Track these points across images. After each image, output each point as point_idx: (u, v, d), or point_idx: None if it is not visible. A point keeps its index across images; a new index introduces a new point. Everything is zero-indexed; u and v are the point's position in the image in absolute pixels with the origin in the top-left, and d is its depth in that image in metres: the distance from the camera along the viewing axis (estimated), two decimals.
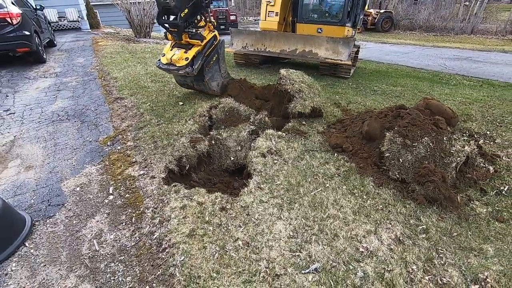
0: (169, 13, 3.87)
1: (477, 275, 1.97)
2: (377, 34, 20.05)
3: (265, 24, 7.62)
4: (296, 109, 3.93)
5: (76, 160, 3.46)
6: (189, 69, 4.00)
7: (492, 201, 2.70)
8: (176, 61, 3.98)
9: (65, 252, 2.27)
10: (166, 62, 4.07)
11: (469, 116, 4.54)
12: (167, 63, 4.06)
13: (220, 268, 2.00)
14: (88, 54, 9.12)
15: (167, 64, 4.06)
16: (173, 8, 3.61)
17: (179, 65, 3.97)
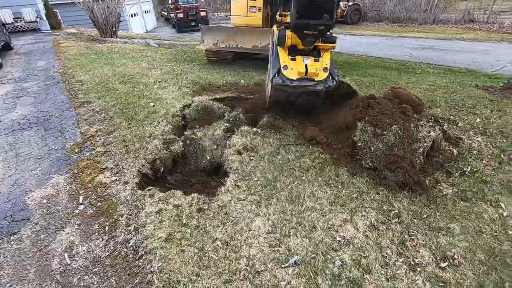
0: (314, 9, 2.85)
1: (446, 253, 2.09)
2: (346, 26, 20.49)
3: (247, 20, 7.47)
4: None
5: (41, 170, 3.25)
6: (331, 84, 3.11)
7: (457, 182, 2.86)
8: (314, 75, 3.04)
9: (33, 269, 2.14)
10: (298, 77, 3.05)
11: (433, 102, 4.77)
12: (300, 78, 3.06)
13: (200, 270, 1.97)
14: (49, 56, 8.59)
15: (299, 79, 3.06)
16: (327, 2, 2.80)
17: (319, 79, 3.04)
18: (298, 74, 3.03)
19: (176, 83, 5.67)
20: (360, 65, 8.24)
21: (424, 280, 1.90)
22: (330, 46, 3.21)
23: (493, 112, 4.21)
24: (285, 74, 3.04)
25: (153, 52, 9.12)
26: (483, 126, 3.80)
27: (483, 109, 4.34)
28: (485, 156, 3.21)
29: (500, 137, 3.55)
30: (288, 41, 3.10)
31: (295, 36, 3.05)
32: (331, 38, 3.17)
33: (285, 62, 3.07)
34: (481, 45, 11.69)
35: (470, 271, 1.97)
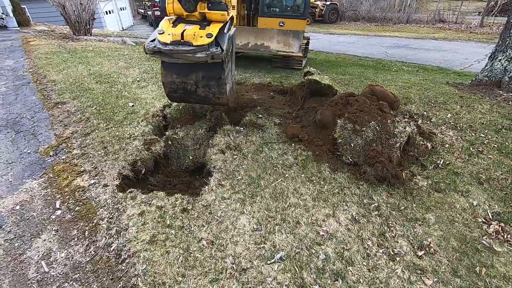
0: None
1: (422, 242, 2.20)
2: (325, 26, 20.88)
3: None
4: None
5: (13, 175, 3.09)
6: (216, 50, 2.50)
7: (431, 174, 3.01)
8: (192, 38, 2.48)
9: (8, 279, 2.04)
10: (173, 40, 2.50)
11: (408, 99, 4.97)
12: (175, 42, 2.50)
13: (186, 271, 1.95)
14: (18, 55, 8.12)
15: (174, 43, 2.49)
16: None
17: (198, 43, 2.47)
18: (173, 37, 2.50)
19: (155, 82, 5.55)
20: (339, 63, 8.43)
21: (403, 269, 1.99)
22: (219, 14, 2.63)
23: (463, 108, 4.46)
24: (159, 38, 2.55)
25: (130, 50, 8.87)
26: (454, 121, 4.02)
27: (454, 105, 4.58)
28: (456, 149, 3.40)
29: (469, 131, 3.77)
30: (169, 7, 2.64)
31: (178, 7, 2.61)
32: (220, 6, 2.64)
33: (163, 28, 2.61)
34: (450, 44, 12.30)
35: (445, 258, 2.08)
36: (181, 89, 2.94)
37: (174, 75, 2.86)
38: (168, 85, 2.94)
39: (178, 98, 3.15)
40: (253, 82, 5.72)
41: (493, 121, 4.00)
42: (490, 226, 2.38)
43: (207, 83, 2.85)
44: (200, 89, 2.90)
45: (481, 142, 3.53)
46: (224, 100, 3.04)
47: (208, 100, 3.05)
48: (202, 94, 2.95)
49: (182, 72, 2.82)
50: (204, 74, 2.81)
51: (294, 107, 4.27)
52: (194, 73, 2.81)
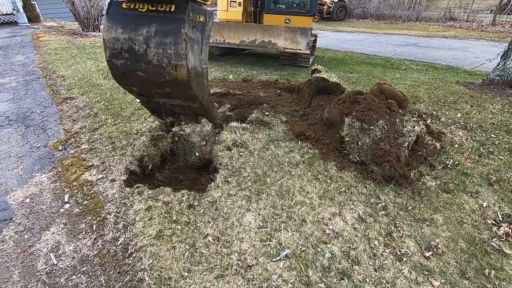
0: None
1: (430, 243, 2.17)
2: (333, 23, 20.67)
3: (227, 15, 7.45)
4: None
5: (23, 169, 3.14)
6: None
7: (440, 175, 2.97)
8: None
9: (18, 270, 2.07)
10: None
11: (417, 98, 4.90)
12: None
13: (191, 266, 1.96)
14: (28, 51, 8.25)
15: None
16: None
17: None
18: None
19: None
20: (346, 61, 8.35)
21: (410, 269, 1.97)
22: None
23: (473, 107, 4.38)
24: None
25: None
26: (464, 121, 3.95)
27: (464, 104, 4.50)
28: (466, 150, 3.34)
29: (479, 131, 3.70)
30: None
31: None
32: None
33: None
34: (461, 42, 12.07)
35: (453, 260, 2.05)
36: (126, 51, 2.19)
37: (120, 29, 2.18)
38: (110, 43, 2.21)
39: (122, 69, 2.29)
40: (260, 80, 5.71)
41: (505, 121, 3.93)
42: (500, 228, 2.34)
43: (162, 41, 2.11)
44: (152, 50, 2.14)
45: (491, 142, 3.47)
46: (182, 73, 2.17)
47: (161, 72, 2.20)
48: (155, 60, 2.16)
49: (130, 25, 2.16)
50: (159, 28, 2.12)
51: (301, 105, 4.25)
52: (146, 27, 2.14)
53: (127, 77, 2.35)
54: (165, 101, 2.69)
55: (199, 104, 2.58)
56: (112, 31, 2.19)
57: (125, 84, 2.48)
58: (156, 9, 2.16)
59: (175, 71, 2.17)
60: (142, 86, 2.43)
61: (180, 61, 2.14)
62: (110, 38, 2.21)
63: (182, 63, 2.15)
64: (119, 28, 2.18)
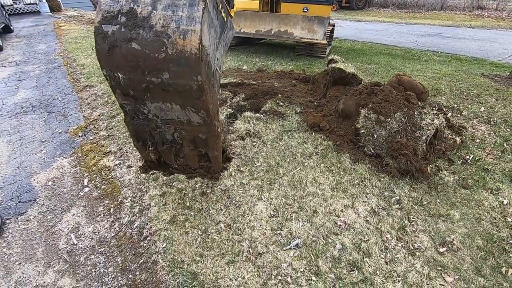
0: None
1: (445, 239, 2.13)
2: (352, 12, 20.03)
3: (244, 4, 7.35)
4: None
5: (46, 153, 3.28)
6: None
7: (458, 170, 2.87)
8: None
9: (41, 248, 2.20)
10: None
11: (438, 90, 4.72)
12: None
13: (203, 251, 2.02)
14: (50, 39, 8.49)
15: None
16: None
17: None
18: None
19: None
20: (365, 52, 8.10)
21: (423, 264, 1.94)
22: None
23: (498, 101, 4.17)
24: None
25: None
26: (487, 115, 3.78)
27: (488, 98, 4.30)
28: (488, 145, 3.21)
29: (504, 126, 3.53)
30: None
31: None
32: None
33: None
34: (489, 32, 11.44)
35: (468, 256, 2.01)
36: (124, 14, 1.72)
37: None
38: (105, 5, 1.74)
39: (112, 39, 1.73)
40: (275, 70, 5.65)
41: None
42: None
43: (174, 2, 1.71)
44: (159, 12, 1.69)
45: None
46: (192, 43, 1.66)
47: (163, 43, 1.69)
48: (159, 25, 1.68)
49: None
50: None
51: (316, 96, 4.18)
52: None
53: (115, 53, 1.75)
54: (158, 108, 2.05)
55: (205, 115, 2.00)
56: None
57: (111, 65, 1.83)
58: None
59: (183, 39, 1.66)
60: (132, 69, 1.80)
61: (193, 25, 1.65)
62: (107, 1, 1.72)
63: (194, 28, 1.64)
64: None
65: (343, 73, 3.83)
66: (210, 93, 1.93)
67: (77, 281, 1.96)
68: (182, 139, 2.27)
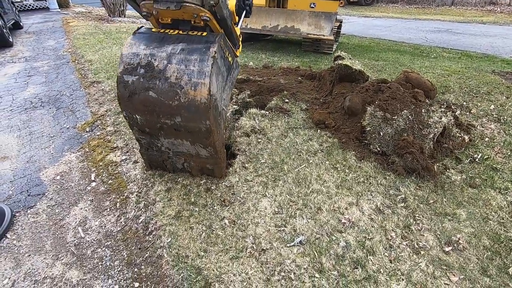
0: None
1: (451, 238, 2.11)
2: (360, 8, 19.78)
3: None
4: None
5: (54, 148, 3.34)
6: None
7: (466, 169, 2.83)
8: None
9: (50, 241, 2.24)
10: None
11: (447, 87, 4.64)
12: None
13: (208, 246, 2.04)
14: (59, 36, 8.59)
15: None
16: None
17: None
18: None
19: None
20: (372, 48, 8.00)
21: (427, 263, 1.93)
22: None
23: (509, 99, 4.09)
24: None
25: None
26: (497, 113, 3.71)
27: (499, 95, 4.21)
28: (497, 144, 3.15)
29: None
30: None
31: None
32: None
33: None
34: (501, 28, 11.17)
35: (474, 256, 1.99)
36: (143, 67, 1.95)
37: (142, 46, 2.01)
38: (127, 58, 1.99)
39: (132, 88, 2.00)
40: (281, 66, 5.62)
41: None
42: None
43: (187, 57, 1.92)
44: (173, 66, 1.93)
45: None
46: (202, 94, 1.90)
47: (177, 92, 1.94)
48: (173, 77, 1.92)
49: (155, 42, 2.01)
50: (186, 46, 1.96)
51: (322, 93, 4.16)
52: (172, 45, 1.98)
53: (134, 99, 2.03)
54: (170, 143, 2.32)
55: (211, 149, 2.23)
56: (133, 47, 2.00)
57: (130, 109, 2.11)
58: (187, 33, 2.06)
59: (194, 90, 1.90)
60: (149, 113, 2.07)
61: (203, 79, 1.89)
62: (129, 53, 1.99)
63: (204, 82, 1.89)
64: (142, 45, 2.00)
65: (350, 69, 3.79)
66: (216, 132, 2.17)
67: (84, 274, 2.00)
68: (191, 168, 2.60)
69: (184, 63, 1.92)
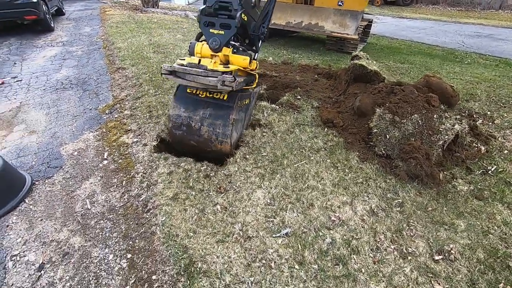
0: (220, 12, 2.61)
1: (443, 247, 2.05)
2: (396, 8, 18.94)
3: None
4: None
5: (76, 126, 3.61)
6: (228, 77, 2.37)
7: (476, 180, 2.70)
8: (208, 63, 2.51)
9: (60, 209, 2.46)
10: (189, 62, 2.53)
11: (473, 95, 4.39)
12: (190, 64, 2.51)
13: (197, 228, 2.14)
14: (95, 23, 9.11)
15: (189, 65, 2.49)
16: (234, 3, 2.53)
17: (212, 67, 2.46)
18: (190, 60, 2.57)
19: None
20: (401, 50, 7.70)
21: (413, 269, 1.90)
22: (241, 59, 2.61)
23: None
24: (177, 61, 2.61)
25: (190, 24, 9.26)
26: None
27: None
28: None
29: None
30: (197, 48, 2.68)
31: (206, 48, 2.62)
32: (244, 53, 2.71)
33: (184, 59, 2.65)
34: None
35: (465, 268, 1.92)
36: (185, 125, 2.79)
37: (182, 109, 2.79)
38: (173, 118, 2.82)
39: (179, 137, 2.89)
40: (300, 63, 5.59)
41: None
42: None
43: (213, 122, 2.69)
44: (205, 127, 2.72)
45: None
46: (226, 148, 2.78)
47: (209, 144, 2.79)
48: (205, 135, 2.74)
49: (191, 107, 2.77)
50: (212, 112, 2.71)
51: (336, 92, 4.10)
52: (202, 110, 2.73)
53: (182, 143, 2.93)
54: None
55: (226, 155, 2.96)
56: (176, 109, 2.82)
57: (179, 147, 3.02)
58: (212, 96, 2.76)
59: (220, 145, 2.77)
60: (192, 151, 2.94)
61: (226, 139, 2.73)
62: (174, 114, 2.83)
63: (226, 141, 2.74)
64: (182, 108, 2.81)
65: (365, 70, 3.71)
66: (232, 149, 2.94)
67: (85, 241, 2.18)
68: None
69: (212, 126, 2.72)
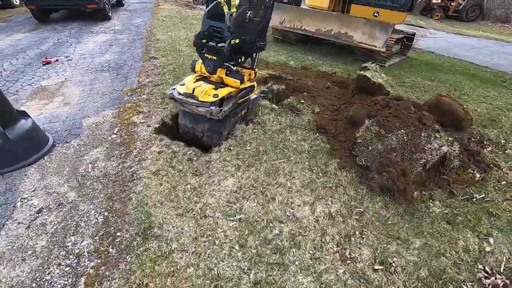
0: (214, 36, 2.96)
1: (387, 259, 2.07)
2: (457, 23, 17.57)
3: (315, 1, 7.42)
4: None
5: (101, 103, 4.16)
6: (215, 109, 2.81)
7: (455, 205, 2.62)
8: (199, 94, 2.89)
9: (68, 168, 2.93)
10: (185, 92, 2.99)
11: (495, 122, 4.10)
12: (186, 94, 2.97)
13: (165, 201, 2.43)
14: (146, 15, 10.02)
15: (185, 94, 2.98)
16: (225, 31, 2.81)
17: (202, 99, 2.86)
18: (186, 89, 2.99)
19: None
20: (439, 67, 7.28)
21: (347, 272, 1.97)
22: (232, 81, 2.99)
23: None
24: (177, 88, 3.11)
25: None
26: None
27: None
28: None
29: None
30: (197, 67, 3.18)
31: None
32: (236, 75, 3.00)
33: (185, 81, 3.15)
34: None
35: (401, 282, 1.94)
36: (191, 134, 3.34)
37: (188, 121, 3.30)
38: (182, 126, 3.40)
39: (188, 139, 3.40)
40: (319, 70, 5.65)
41: None
42: (489, 278, 2.02)
43: (211, 135, 3.22)
44: (205, 138, 3.27)
45: None
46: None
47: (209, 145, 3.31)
48: (206, 142, 3.27)
49: (194, 120, 3.25)
50: (209, 127, 3.18)
51: (342, 101, 4.14)
52: (202, 124, 3.20)
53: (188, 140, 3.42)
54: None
55: None
56: (183, 120, 3.36)
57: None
58: None
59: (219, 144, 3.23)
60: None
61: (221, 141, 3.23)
62: (183, 124, 3.38)
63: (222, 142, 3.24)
64: (188, 120, 3.32)
65: (368, 81, 3.71)
66: None
67: (78, 196, 2.60)
68: None
69: (210, 137, 3.23)
